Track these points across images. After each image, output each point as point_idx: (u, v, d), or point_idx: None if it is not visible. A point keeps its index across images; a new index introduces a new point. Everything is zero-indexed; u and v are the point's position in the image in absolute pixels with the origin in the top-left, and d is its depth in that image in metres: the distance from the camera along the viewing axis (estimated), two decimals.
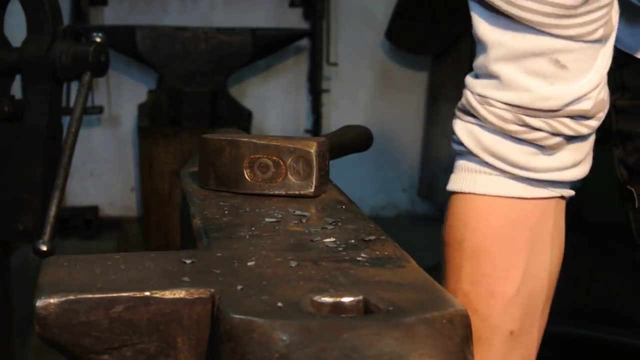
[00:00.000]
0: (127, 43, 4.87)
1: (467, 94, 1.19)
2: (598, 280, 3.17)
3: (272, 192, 1.19)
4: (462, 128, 1.21)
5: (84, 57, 2.08)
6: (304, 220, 1.08)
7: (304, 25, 5.49)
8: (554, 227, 1.25)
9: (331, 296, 0.80)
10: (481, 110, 1.17)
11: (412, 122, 5.67)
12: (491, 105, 1.16)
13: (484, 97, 1.16)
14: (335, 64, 5.51)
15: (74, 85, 4.56)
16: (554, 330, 3.06)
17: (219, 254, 0.94)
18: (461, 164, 1.23)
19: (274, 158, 1.18)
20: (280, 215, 1.10)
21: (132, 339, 0.82)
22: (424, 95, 5.60)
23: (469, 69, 1.20)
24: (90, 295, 0.81)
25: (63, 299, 0.81)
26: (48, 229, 1.97)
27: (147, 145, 4.88)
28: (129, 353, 0.83)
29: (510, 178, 1.20)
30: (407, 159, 5.72)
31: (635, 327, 3.14)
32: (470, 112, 1.19)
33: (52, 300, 0.81)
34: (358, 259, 0.92)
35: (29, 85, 2.12)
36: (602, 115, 1.19)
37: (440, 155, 5.57)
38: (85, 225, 5.13)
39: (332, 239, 0.99)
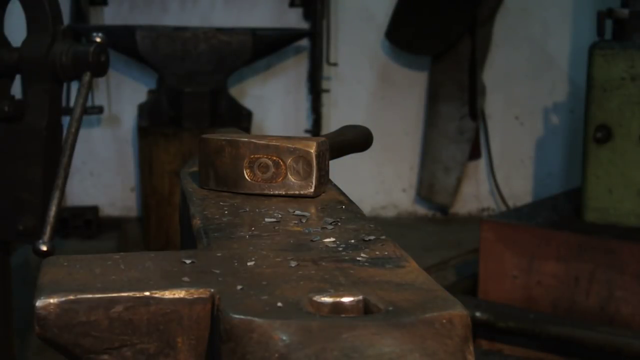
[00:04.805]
0: (127, 43, 4.86)
1: None
2: (598, 280, 3.17)
3: (272, 192, 1.19)
4: None
5: (84, 57, 2.08)
6: (303, 220, 1.08)
7: (304, 25, 5.49)
8: None
9: (331, 296, 0.80)
10: None
11: (412, 122, 5.67)
12: None
13: None
14: (335, 64, 5.51)
15: (74, 85, 4.57)
16: (554, 330, 3.07)
17: (219, 254, 0.93)
18: None
19: (274, 158, 1.18)
20: (280, 215, 1.10)
21: (132, 339, 0.82)
22: (424, 95, 5.59)
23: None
24: (90, 295, 0.81)
25: (63, 299, 0.81)
26: (48, 229, 1.97)
27: (147, 145, 4.88)
28: (129, 353, 0.83)
29: None
30: (407, 159, 5.72)
31: (635, 327, 3.14)
32: None
33: (52, 300, 0.81)
34: (358, 259, 0.92)
35: (29, 85, 2.12)
36: None
37: (440, 155, 5.57)
38: (85, 225, 5.13)
39: (332, 239, 0.99)
